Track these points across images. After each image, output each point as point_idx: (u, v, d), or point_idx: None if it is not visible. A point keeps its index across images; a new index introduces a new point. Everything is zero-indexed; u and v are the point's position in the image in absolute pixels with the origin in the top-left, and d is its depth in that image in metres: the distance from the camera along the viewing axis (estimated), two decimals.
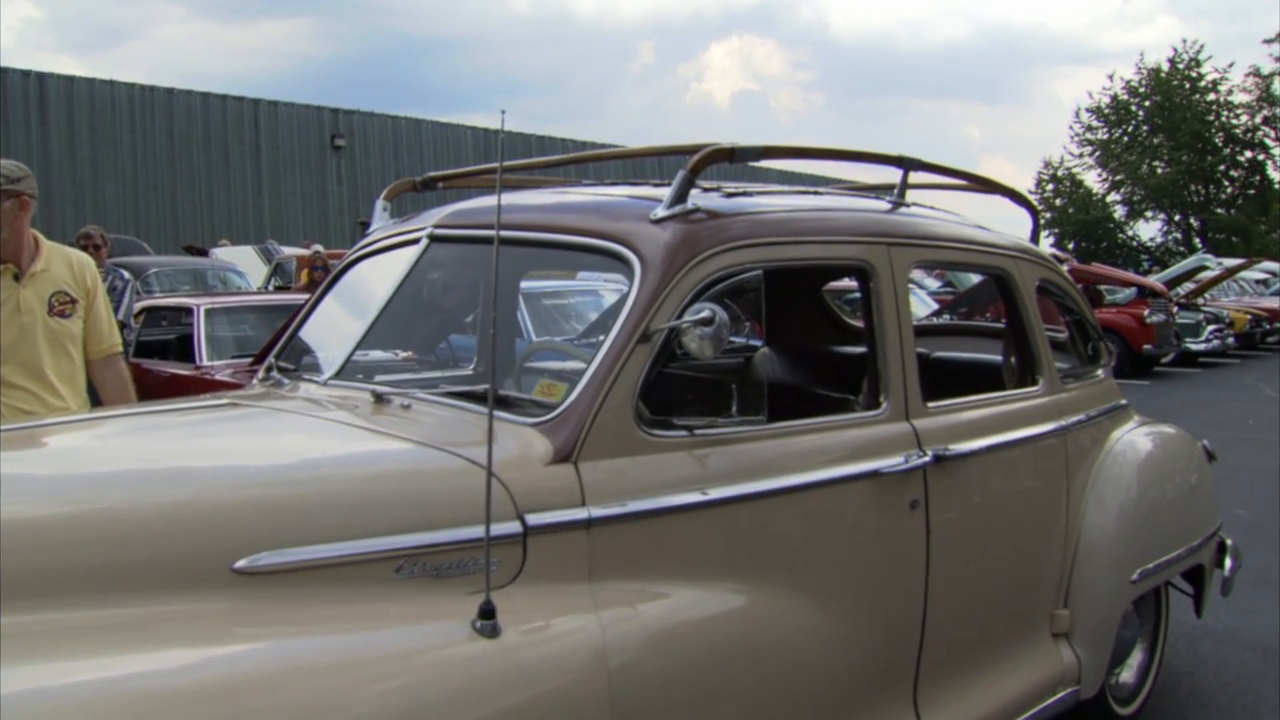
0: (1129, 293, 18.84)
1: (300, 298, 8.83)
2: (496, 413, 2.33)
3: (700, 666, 2.53)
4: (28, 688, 1.80)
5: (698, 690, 2.51)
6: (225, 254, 20.53)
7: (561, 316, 8.08)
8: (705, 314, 2.53)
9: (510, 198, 3.24)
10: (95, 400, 4.33)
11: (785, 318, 4.76)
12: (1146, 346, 17.80)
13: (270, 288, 16.98)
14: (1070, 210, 48.78)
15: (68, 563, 2.06)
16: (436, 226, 3.22)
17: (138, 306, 9.03)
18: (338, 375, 3.07)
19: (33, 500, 2.25)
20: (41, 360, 4.01)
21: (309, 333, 3.53)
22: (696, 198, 2.87)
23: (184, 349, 8.56)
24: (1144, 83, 47.93)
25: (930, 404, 3.29)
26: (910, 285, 3.40)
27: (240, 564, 2.11)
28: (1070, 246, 45.90)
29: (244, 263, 18.56)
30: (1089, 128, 49.18)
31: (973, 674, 3.41)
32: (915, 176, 3.65)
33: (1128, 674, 4.35)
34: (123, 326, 7.76)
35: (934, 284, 17.76)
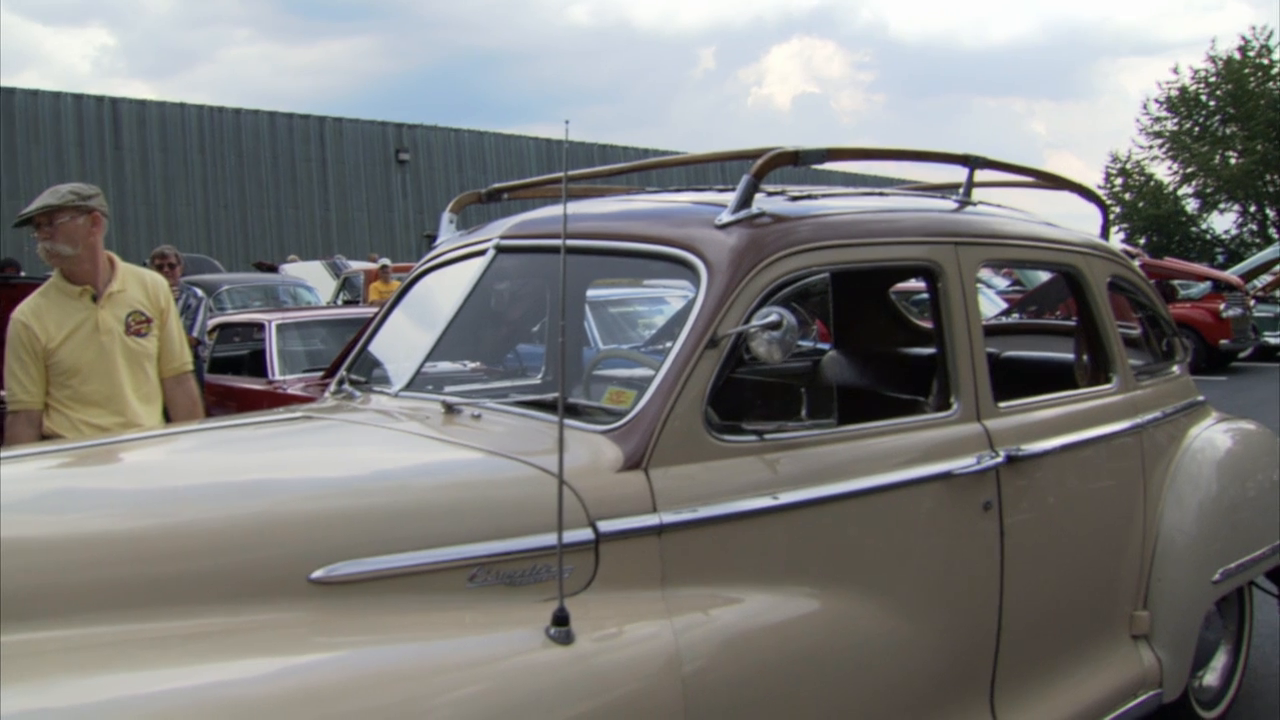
0: (1203, 287, 18.48)
1: (369, 311, 8.93)
2: (567, 421, 2.35)
3: (774, 671, 2.52)
4: (111, 697, 1.85)
5: (772, 695, 2.51)
6: (294, 270, 20.83)
7: (628, 324, 8.08)
8: (773, 318, 2.53)
9: (575, 206, 3.26)
10: (167, 418, 4.41)
11: (852, 320, 4.73)
12: (1223, 341, 17.43)
13: (339, 302, 17.20)
14: (1140, 204, 47.89)
15: (149, 575, 2.10)
16: (502, 237, 3.24)
17: (211, 323, 9.19)
18: (408, 387, 3.10)
19: (114, 514, 2.30)
20: (121, 379, 4.10)
21: (379, 345, 3.56)
22: (761, 202, 2.87)
23: (256, 364, 8.69)
24: (1214, 72, 46.95)
25: (1002, 404, 3.26)
26: (978, 284, 3.37)
27: (317, 574, 2.14)
28: (1141, 241, 45.06)
29: (313, 278, 18.83)
30: (1157, 119, 48.25)
31: (1051, 676, 3.37)
32: (982, 174, 3.62)
33: (1211, 677, 4.26)
34: (197, 343, 7.93)
35: (1002, 283, 17.57)
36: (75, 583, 2.05)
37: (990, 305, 12.39)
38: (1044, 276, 8.75)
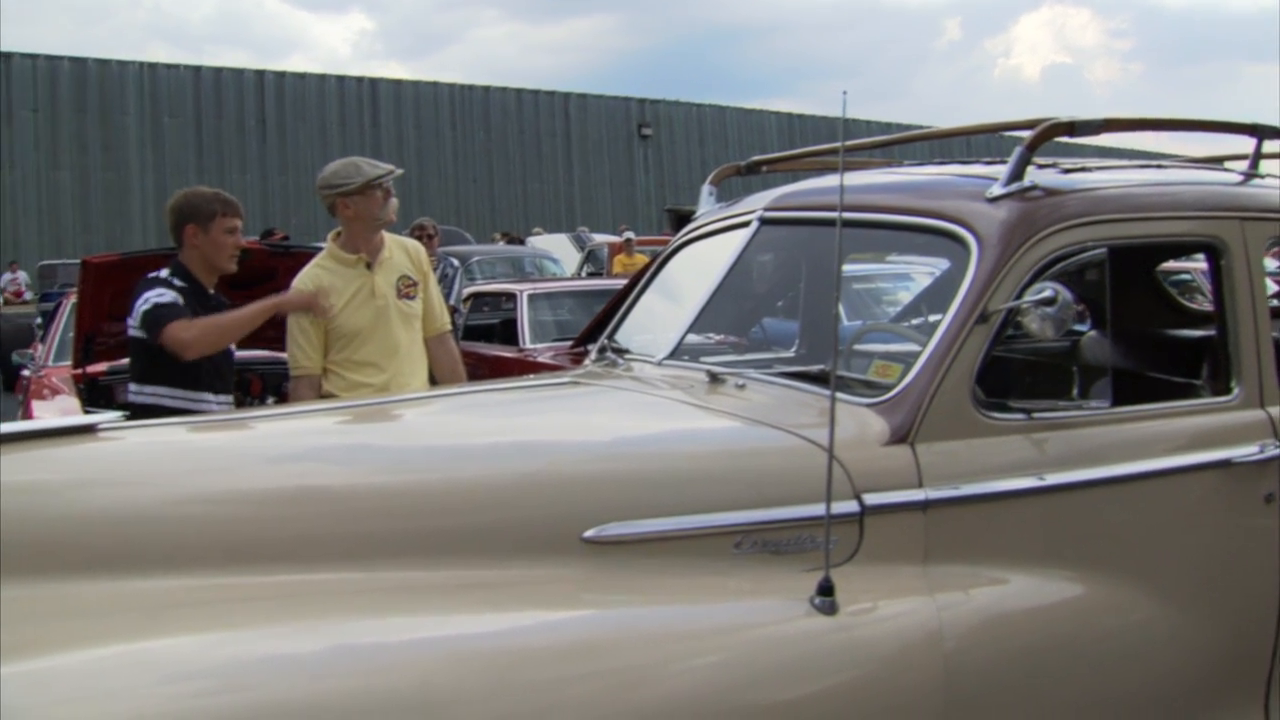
0: None
1: (615, 283, 9.10)
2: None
3: (1035, 655, 2.48)
4: (406, 639, 1.99)
5: (1031, 679, 2.47)
6: (540, 242, 21.41)
7: (873, 300, 7.98)
8: (1048, 294, 2.47)
9: (838, 179, 3.24)
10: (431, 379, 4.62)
11: (1115, 299, 4.54)
12: None
13: (583, 274, 17.55)
14: None
15: (433, 527, 2.23)
16: (767, 209, 3.26)
17: (465, 292, 9.53)
18: (671, 356, 3.16)
19: (400, 468, 2.45)
20: (396, 339, 4.33)
21: (639, 314, 3.64)
22: (1033, 174, 2.79)
23: (507, 333, 8.95)
24: None
25: None
26: None
27: (590, 533, 2.23)
28: None
29: (557, 250, 19.30)
30: None
31: None
32: (1270, 145, 3.40)
33: None
34: (454, 311, 8.28)
35: (1273, 264, 16.47)
36: (365, 530, 2.21)
37: None
38: None
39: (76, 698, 1.73)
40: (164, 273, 4.26)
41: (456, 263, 8.95)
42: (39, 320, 15.14)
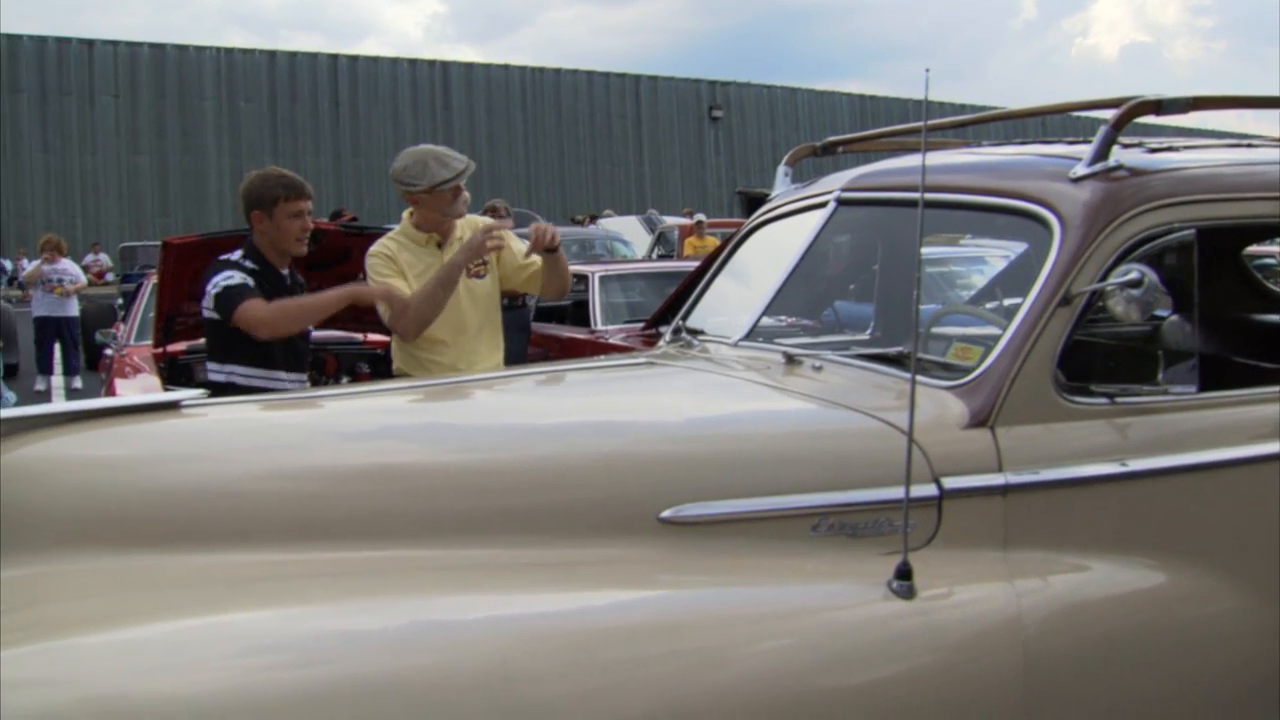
0: None
1: (686, 265, 9.08)
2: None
3: (1115, 642, 2.43)
4: (483, 615, 2.01)
5: (1111, 668, 2.42)
6: (610, 224, 21.44)
7: (946, 284, 7.90)
8: (1134, 276, 2.42)
9: (916, 159, 3.20)
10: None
11: (1201, 282, 4.43)
12: None
13: (653, 256, 17.54)
14: None
15: (511, 505, 2.25)
16: (844, 190, 3.22)
17: None
18: (747, 337, 3.14)
19: (479, 447, 2.47)
20: (465, 317, 4.36)
21: (713, 295, 3.63)
22: (1118, 154, 2.73)
23: (579, 314, 8.99)
24: None
25: None
26: None
27: (666, 514, 2.23)
28: None
29: (628, 232, 19.32)
30: None
31: None
32: None
33: None
34: (525, 293, 8.30)
35: None
36: (442, 508, 2.23)
37: None
38: None
39: (160, 667, 1.77)
40: (235, 255, 4.31)
41: None
42: (120, 301, 15.50)
